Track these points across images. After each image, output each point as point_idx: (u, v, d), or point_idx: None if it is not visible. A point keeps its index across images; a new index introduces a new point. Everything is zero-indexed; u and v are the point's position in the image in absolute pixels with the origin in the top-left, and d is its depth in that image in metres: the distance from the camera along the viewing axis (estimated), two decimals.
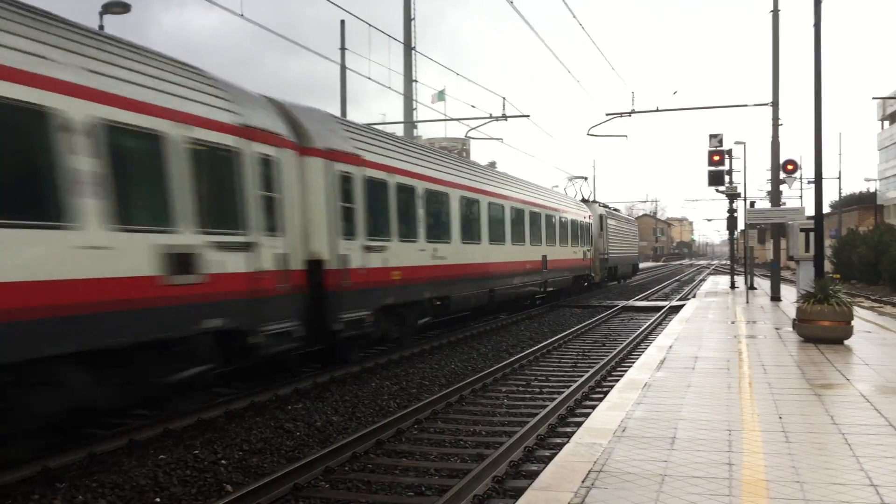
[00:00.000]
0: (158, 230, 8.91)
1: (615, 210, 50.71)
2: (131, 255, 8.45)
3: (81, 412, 8.41)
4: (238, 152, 10.44)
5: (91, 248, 7.90)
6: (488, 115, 29.48)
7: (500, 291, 21.30)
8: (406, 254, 15.43)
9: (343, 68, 28.58)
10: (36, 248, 7.36)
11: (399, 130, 31.99)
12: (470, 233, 19.36)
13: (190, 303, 9.33)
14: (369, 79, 30.62)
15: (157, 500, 7.04)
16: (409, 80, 47.96)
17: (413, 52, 47.33)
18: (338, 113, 25.68)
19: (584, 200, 37.62)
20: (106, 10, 18.31)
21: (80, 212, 7.78)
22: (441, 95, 47.04)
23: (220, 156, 10.15)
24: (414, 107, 48.02)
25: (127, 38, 9.50)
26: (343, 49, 28.56)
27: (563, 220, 29.49)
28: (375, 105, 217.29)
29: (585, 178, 42.50)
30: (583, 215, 33.76)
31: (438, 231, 17.34)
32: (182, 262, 9.19)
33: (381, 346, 15.52)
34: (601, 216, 37.38)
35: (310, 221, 12.36)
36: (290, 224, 11.70)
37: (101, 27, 16.76)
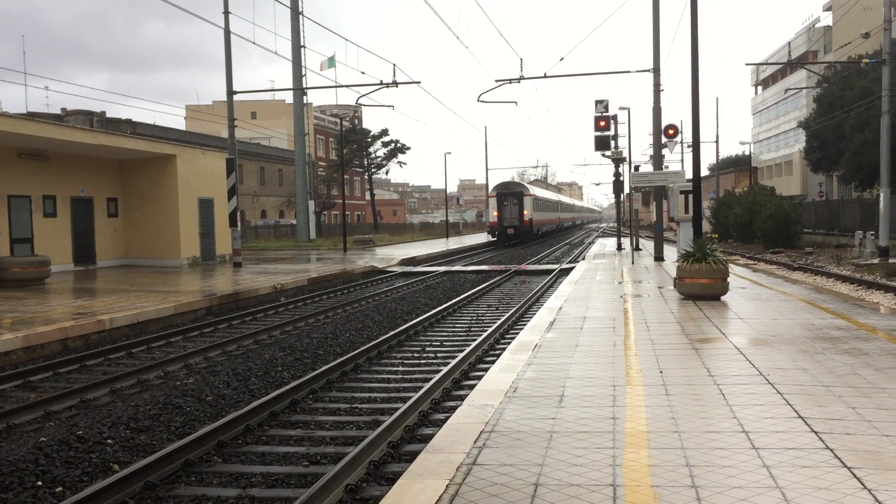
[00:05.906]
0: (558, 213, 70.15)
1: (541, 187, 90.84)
2: (553, 217, 70.07)
3: None
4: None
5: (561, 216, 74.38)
6: (379, 82, 29.22)
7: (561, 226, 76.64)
8: (544, 216, 64.04)
9: (227, 32, 27.64)
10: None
11: (288, 97, 31.27)
12: (557, 210, 73.05)
13: (551, 224, 69.12)
14: (254, 43, 29.79)
15: (39, 483, 6.75)
16: (297, 45, 46.74)
17: (301, 17, 46.07)
18: (223, 78, 25.38)
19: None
20: None
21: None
22: (331, 62, 45.94)
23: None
24: (303, 73, 46.79)
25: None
26: (227, 13, 27.60)
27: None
28: (241, 72, 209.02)
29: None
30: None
31: (548, 208, 67.38)
32: (549, 219, 66.74)
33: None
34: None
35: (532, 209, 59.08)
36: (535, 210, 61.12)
37: None
